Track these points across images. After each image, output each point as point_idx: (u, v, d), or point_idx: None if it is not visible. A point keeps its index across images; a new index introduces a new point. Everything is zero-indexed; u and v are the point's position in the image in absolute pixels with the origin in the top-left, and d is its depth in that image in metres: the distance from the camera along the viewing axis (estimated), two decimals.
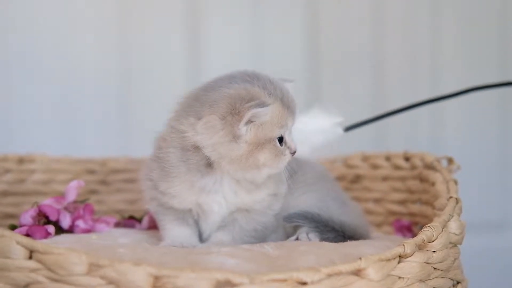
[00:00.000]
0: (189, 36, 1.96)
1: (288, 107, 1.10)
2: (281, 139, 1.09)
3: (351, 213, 1.23)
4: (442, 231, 0.99)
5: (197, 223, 1.17)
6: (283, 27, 1.99)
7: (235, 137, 1.05)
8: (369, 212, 1.51)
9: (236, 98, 1.05)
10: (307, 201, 1.18)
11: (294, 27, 2.00)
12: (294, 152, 1.11)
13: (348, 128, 1.42)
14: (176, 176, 1.11)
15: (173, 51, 1.95)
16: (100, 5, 1.91)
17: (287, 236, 1.19)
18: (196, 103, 1.09)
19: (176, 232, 1.15)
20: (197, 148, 1.08)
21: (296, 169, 1.20)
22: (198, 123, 1.07)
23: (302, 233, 1.14)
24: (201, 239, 1.18)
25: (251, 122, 1.05)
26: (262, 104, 1.04)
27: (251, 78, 1.09)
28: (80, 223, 1.26)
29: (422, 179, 1.38)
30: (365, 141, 2.01)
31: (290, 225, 1.17)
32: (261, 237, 1.16)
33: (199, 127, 1.07)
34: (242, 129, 1.05)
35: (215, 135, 1.06)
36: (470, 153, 2.03)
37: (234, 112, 1.04)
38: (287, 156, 1.11)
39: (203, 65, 1.95)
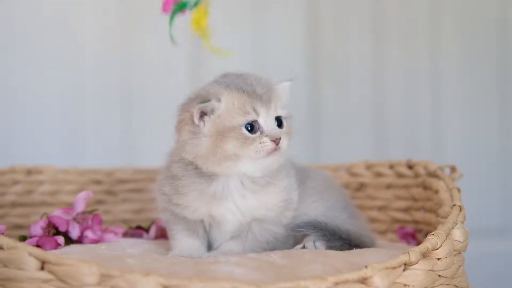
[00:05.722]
0: (191, 43, 1.97)
1: (252, 94, 1.10)
2: (252, 127, 1.09)
3: (357, 222, 1.24)
4: (446, 238, 1.00)
5: (207, 233, 1.18)
6: (285, 31, 2.01)
7: (195, 134, 1.10)
8: (373, 220, 1.52)
9: (189, 99, 1.13)
10: (317, 209, 1.19)
11: (295, 31, 2.02)
12: (278, 140, 1.09)
13: None
14: (185, 188, 1.13)
15: (175, 58, 1.96)
16: (102, 15, 1.93)
17: (296, 245, 1.19)
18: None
19: (185, 243, 1.16)
20: None
21: (305, 177, 1.22)
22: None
23: (309, 241, 1.15)
24: (211, 249, 1.18)
25: (207, 115, 1.10)
26: (205, 99, 1.09)
27: (222, 76, 1.16)
28: (89, 234, 1.27)
29: (426, 187, 1.40)
30: (367, 149, 2.02)
31: (299, 234, 1.18)
32: (271, 250, 1.16)
33: (174, 133, 1.15)
34: (199, 124, 1.10)
35: (180, 136, 1.13)
36: (470, 159, 2.04)
37: (186, 111, 1.12)
38: (267, 144, 1.09)
39: (205, 72, 1.97)
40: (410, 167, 1.48)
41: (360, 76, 2.04)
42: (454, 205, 1.12)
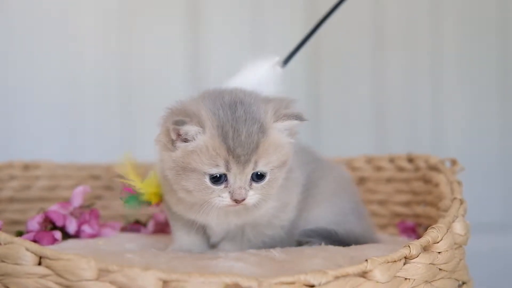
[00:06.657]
0: (190, 41, 1.97)
1: (231, 150, 0.97)
2: (218, 178, 0.99)
3: (365, 223, 1.22)
4: (447, 232, 0.99)
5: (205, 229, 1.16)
6: (284, 31, 2.00)
7: (167, 150, 1.02)
8: (374, 214, 1.51)
9: (175, 111, 1.01)
10: (327, 216, 1.16)
11: (295, 31, 2.01)
12: (240, 200, 0.99)
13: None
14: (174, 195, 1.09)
15: (174, 57, 1.96)
16: (102, 15, 1.92)
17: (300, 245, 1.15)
18: None
19: (185, 240, 1.14)
20: None
21: (319, 178, 1.18)
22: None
23: (315, 243, 1.12)
24: (209, 243, 1.17)
25: (182, 140, 1.00)
26: (184, 121, 0.97)
27: (216, 101, 1.01)
28: (86, 228, 1.26)
29: (426, 181, 1.39)
30: (367, 143, 2.02)
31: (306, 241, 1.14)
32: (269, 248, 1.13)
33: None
34: (174, 144, 1.00)
35: (158, 145, 1.05)
36: (471, 153, 2.03)
37: (166, 122, 1.02)
38: (225, 201, 1.00)
39: (204, 70, 1.96)
40: (411, 160, 1.47)
41: (361, 71, 2.04)
42: (455, 198, 1.11)
